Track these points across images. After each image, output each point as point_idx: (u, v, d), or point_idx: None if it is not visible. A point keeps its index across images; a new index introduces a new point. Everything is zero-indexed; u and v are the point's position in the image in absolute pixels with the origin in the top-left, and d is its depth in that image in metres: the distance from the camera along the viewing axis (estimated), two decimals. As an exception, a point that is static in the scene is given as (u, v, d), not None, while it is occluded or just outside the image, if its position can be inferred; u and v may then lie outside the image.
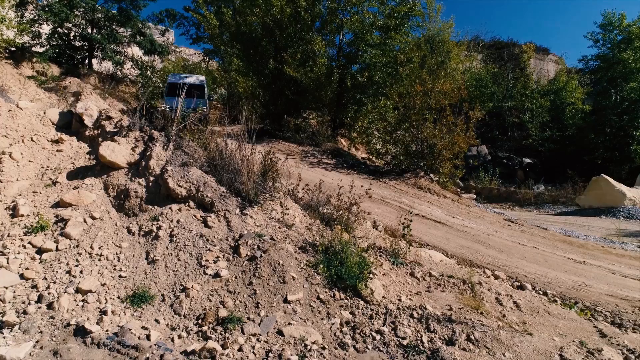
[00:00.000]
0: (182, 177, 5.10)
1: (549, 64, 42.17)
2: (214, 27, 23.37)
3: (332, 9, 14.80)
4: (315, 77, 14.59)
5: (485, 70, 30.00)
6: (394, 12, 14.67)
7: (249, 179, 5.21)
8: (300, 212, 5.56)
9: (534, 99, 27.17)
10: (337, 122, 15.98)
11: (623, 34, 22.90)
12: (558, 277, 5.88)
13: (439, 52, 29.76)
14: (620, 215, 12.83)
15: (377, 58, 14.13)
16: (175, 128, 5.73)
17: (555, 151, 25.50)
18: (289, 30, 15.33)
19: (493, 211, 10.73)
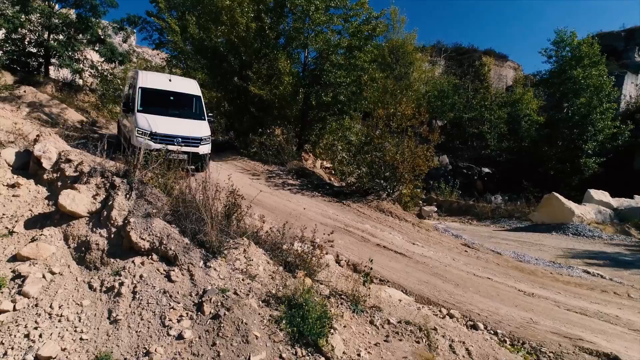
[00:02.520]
0: (144, 230, 5.11)
1: (508, 70, 43.84)
2: (177, 34, 23.02)
3: (297, 28, 14.94)
4: (280, 96, 14.70)
5: (447, 82, 30.89)
6: (358, 32, 14.94)
7: (212, 229, 5.28)
8: (264, 258, 5.67)
9: (493, 111, 28.23)
10: (302, 138, 16.12)
11: (574, 52, 24.15)
12: (508, 314, 6.24)
13: (402, 62, 30.46)
14: (569, 231, 13.60)
15: (341, 78, 14.36)
16: (139, 174, 5.71)
17: (512, 162, 26.63)
18: (254, 47, 15.34)
19: (452, 234, 11.15)
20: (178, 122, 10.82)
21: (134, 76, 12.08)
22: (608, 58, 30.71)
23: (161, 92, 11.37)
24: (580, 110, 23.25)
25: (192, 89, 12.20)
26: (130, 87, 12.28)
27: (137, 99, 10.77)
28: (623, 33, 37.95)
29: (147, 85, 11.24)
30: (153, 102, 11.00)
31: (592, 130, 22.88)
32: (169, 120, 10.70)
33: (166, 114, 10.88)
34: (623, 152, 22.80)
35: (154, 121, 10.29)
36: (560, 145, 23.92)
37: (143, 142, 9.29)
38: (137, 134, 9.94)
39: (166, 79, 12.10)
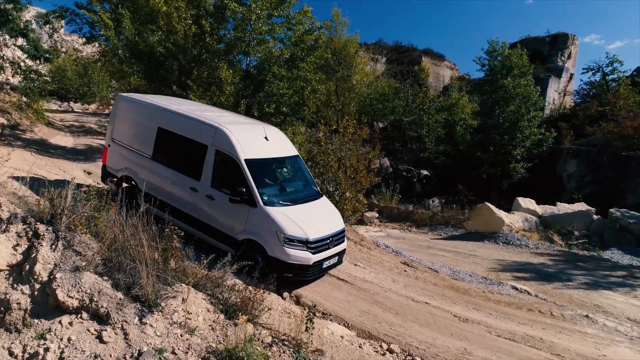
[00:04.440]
0: (73, 286, 4.78)
1: (445, 70, 45.67)
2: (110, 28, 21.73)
3: (238, 37, 14.60)
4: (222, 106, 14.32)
5: (387, 85, 31.61)
6: (300, 41, 14.85)
7: (148, 281, 5.04)
8: (204, 305, 5.51)
9: (431, 115, 29.28)
10: (244, 148, 15.84)
11: (504, 62, 25.55)
12: (445, 345, 6.51)
13: (345, 64, 30.79)
14: (500, 240, 14.43)
15: (283, 90, 14.25)
16: (66, 221, 5.33)
17: (448, 165, 27.84)
18: (193, 54, 14.82)
19: (392, 250, 11.48)
20: (312, 210, 8.17)
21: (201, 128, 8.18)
22: (534, 62, 32.90)
23: (268, 162, 8.49)
24: (510, 118, 24.72)
25: (289, 144, 9.28)
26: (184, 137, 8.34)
27: (249, 181, 7.49)
28: (548, 38, 40.53)
29: (252, 154, 7.85)
30: (264, 182, 7.98)
31: (520, 136, 24.42)
32: (304, 210, 7.95)
33: (292, 199, 8.18)
34: (547, 157, 24.51)
35: (298, 219, 7.50)
36: (492, 150, 25.31)
37: (300, 257, 7.26)
38: (287, 244, 7.20)
39: (258, 133, 8.54)
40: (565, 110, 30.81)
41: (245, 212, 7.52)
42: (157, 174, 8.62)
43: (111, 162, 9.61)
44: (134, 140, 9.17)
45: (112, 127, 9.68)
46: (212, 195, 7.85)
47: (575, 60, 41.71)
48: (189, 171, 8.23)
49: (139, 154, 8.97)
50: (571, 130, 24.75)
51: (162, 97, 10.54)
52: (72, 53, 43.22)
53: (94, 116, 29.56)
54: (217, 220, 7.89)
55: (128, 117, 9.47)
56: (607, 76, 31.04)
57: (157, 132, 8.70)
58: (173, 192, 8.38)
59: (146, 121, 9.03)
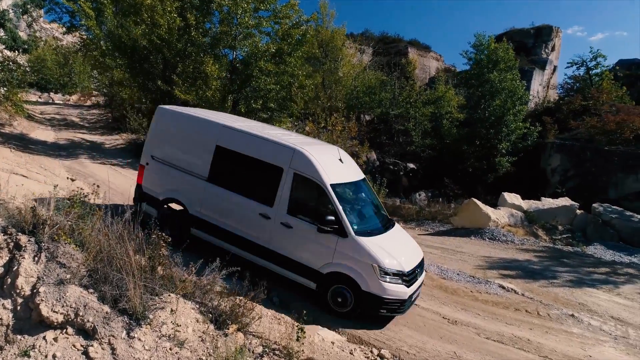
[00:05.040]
0: (57, 300, 4.64)
1: (430, 61, 45.77)
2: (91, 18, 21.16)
3: (224, 31, 14.32)
4: (208, 101, 14.09)
5: (374, 78, 31.50)
6: (288, 36, 14.63)
7: (135, 293, 4.92)
8: (193, 315, 5.42)
9: (417, 108, 29.28)
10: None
11: (491, 56, 25.62)
12: (435, 349, 6.55)
13: (332, 57, 30.59)
14: (486, 236, 14.57)
15: (270, 85, 14.06)
16: (49, 231, 5.16)
17: (434, 158, 27.95)
18: (178, 48, 14.50)
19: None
20: (396, 238, 7.71)
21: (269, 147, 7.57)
22: (519, 54, 33.11)
23: (348, 187, 7.87)
24: (496, 112, 24.86)
25: (357, 165, 8.83)
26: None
27: (337, 209, 6.90)
28: (532, 30, 40.82)
29: (335, 178, 7.32)
30: (348, 209, 7.36)
31: (505, 130, 24.58)
32: (390, 239, 7.47)
33: (376, 227, 7.61)
34: (532, 151, 24.76)
35: (390, 249, 7.04)
36: (478, 144, 25.47)
37: (397, 291, 6.74)
38: (384, 278, 6.67)
39: (333, 155, 8.03)
40: (550, 104, 31.07)
41: (333, 242, 6.88)
42: (214, 197, 7.84)
43: (150, 183, 8.62)
44: (183, 159, 8.26)
45: (151, 142, 8.69)
46: (289, 223, 7.18)
47: (558, 53, 42.16)
48: (258, 196, 7.49)
49: (191, 174, 8.09)
50: (555, 125, 24.99)
51: (209, 112, 9.56)
52: (52, 42, 42.17)
53: (75, 108, 28.90)
54: (294, 251, 7.23)
55: (174, 133, 8.50)
56: (590, 70, 31.40)
57: (215, 151, 7.86)
58: (235, 218, 7.69)
59: (200, 138, 8.15)
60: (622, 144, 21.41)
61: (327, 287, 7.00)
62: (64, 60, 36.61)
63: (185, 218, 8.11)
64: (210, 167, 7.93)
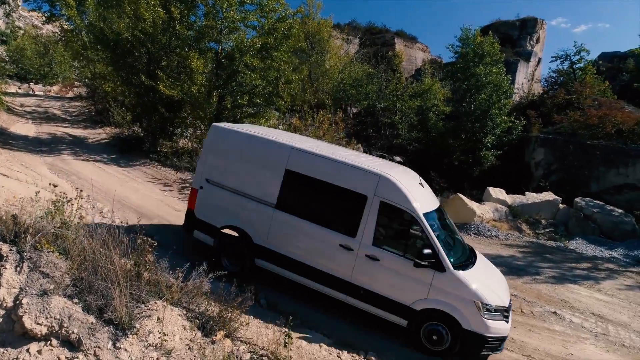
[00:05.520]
0: (41, 312, 4.57)
1: (417, 52, 45.85)
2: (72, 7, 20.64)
3: (209, 25, 14.09)
4: (193, 97, 13.90)
5: (361, 70, 31.42)
6: (274, 30, 14.43)
7: (121, 302, 4.87)
8: (180, 322, 5.39)
9: (404, 101, 29.33)
10: (217, 140, 15.46)
11: (476, 50, 25.70)
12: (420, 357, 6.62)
13: (318, 49, 30.42)
14: (471, 231, 14.75)
15: (257, 81, 13.91)
16: (31, 240, 5.06)
17: (420, 151, 28.08)
18: (162, 41, 14.23)
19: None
20: (487, 270, 7.36)
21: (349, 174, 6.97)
22: (504, 45, 33.34)
23: (434, 215, 7.26)
24: (481, 105, 25.00)
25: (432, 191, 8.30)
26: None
27: (433, 240, 6.45)
28: (517, 22, 41.10)
29: (425, 207, 6.90)
30: (441, 240, 6.81)
31: (491, 124, 24.76)
32: (483, 271, 7.10)
33: (466, 258, 7.14)
34: (516, 145, 25.03)
35: (487, 282, 6.73)
36: (464, 137, 25.64)
37: (499, 328, 6.34)
38: (487, 315, 6.24)
39: (414, 179, 7.61)
40: (534, 98, 31.38)
41: (429, 277, 6.41)
42: (284, 226, 7.25)
43: (205, 209, 7.95)
44: (246, 183, 7.60)
45: (206, 164, 7.99)
46: (375, 256, 6.67)
47: (543, 45, 42.56)
48: (338, 225, 6.95)
49: (255, 200, 7.48)
50: (540, 119, 25.25)
51: (270, 131, 8.81)
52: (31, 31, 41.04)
53: (56, 100, 28.24)
54: (381, 286, 6.70)
55: (233, 154, 7.82)
56: (574, 65, 31.76)
57: (285, 175, 7.26)
58: (310, 249, 7.12)
59: (266, 161, 7.51)
60: (604, 138, 21.77)
61: (420, 324, 6.55)
62: (44, 49, 35.68)
63: (250, 248, 7.54)
64: (280, 193, 7.29)
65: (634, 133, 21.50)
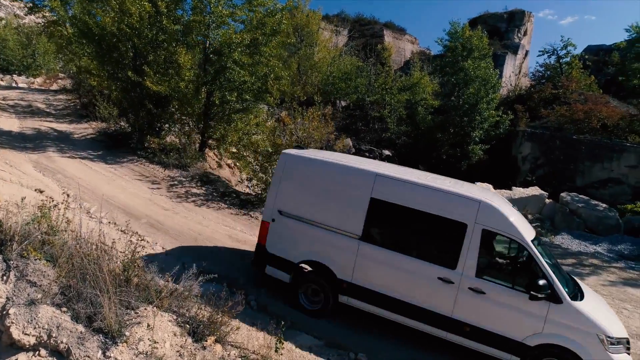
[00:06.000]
0: (29, 322, 4.52)
1: (406, 44, 45.89)
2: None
3: (197, 21, 13.89)
4: (181, 93, 13.74)
5: (350, 63, 31.35)
6: (262, 25, 14.26)
7: (110, 310, 4.84)
8: (170, 328, 5.37)
9: (393, 95, 29.39)
10: (205, 135, 15.36)
11: (465, 44, 25.80)
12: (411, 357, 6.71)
13: (307, 42, 30.24)
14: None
15: (245, 77, 13.79)
16: (17, 247, 4.99)
17: (409, 145, 28.22)
18: (149, 36, 14.00)
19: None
20: (595, 298, 6.91)
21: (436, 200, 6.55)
22: (492, 38, 33.53)
23: (536, 242, 6.70)
24: (470, 100, 25.16)
25: None
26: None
27: (546, 271, 6.04)
28: (505, 15, 41.32)
29: (530, 234, 6.49)
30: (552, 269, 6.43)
31: (479, 118, 24.95)
32: (595, 300, 6.69)
33: (574, 286, 6.71)
34: (503, 139, 25.28)
35: (605, 313, 6.38)
36: (452, 132, 25.80)
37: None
38: (612, 349, 5.82)
39: (507, 203, 7.36)
40: (521, 91, 31.65)
41: (544, 310, 5.96)
42: (371, 259, 6.77)
43: (278, 243, 7.42)
44: (325, 215, 7.11)
45: (278, 195, 7.46)
46: (480, 289, 6.20)
47: (530, 37, 42.86)
48: (434, 257, 6.50)
49: (337, 232, 6.98)
50: (527, 113, 25.52)
51: (347, 157, 8.27)
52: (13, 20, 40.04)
53: (41, 93, 27.65)
54: (488, 320, 6.21)
55: (308, 184, 7.36)
56: (561, 59, 32.06)
57: (370, 204, 6.79)
58: (402, 283, 6.64)
59: (346, 190, 7.05)
60: (590, 133, 22.09)
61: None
62: (27, 40, 34.90)
63: (333, 284, 7.04)
64: (365, 223, 6.80)
65: (619, 128, 21.85)
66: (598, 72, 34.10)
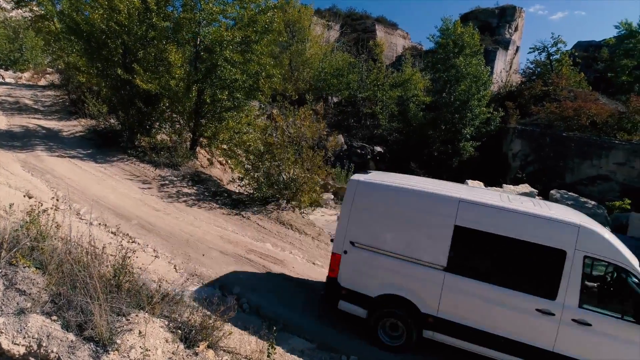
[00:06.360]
0: (18, 332, 4.48)
1: (397, 39, 45.89)
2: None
3: (187, 18, 13.74)
4: (171, 91, 13.61)
5: (342, 59, 31.27)
6: (253, 22, 14.14)
7: (101, 318, 4.81)
8: (162, 335, 5.35)
9: (385, 91, 29.38)
10: (196, 134, 15.26)
11: (457, 41, 25.85)
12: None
13: (299, 38, 30.11)
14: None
15: (237, 75, 13.70)
16: (6, 255, 4.93)
17: (401, 142, 28.29)
18: (139, 33, 13.83)
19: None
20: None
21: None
22: (483, 33, 33.63)
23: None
24: (461, 96, 25.25)
25: None
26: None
27: None
28: (496, 10, 41.45)
29: (634, 258, 6.13)
30: None
31: (470, 115, 25.06)
32: None
33: None
34: (494, 136, 25.44)
35: None
36: (444, 128, 25.90)
37: None
38: None
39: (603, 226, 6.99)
40: (512, 88, 31.81)
41: None
42: (458, 291, 6.35)
43: (353, 276, 6.98)
44: (404, 245, 6.69)
45: (349, 225, 6.98)
46: (585, 320, 5.79)
47: (521, 33, 43.06)
48: (530, 287, 6.10)
49: (418, 263, 6.56)
50: (517, 110, 25.66)
51: (422, 180, 7.77)
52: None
53: (28, 89, 27.25)
54: (596, 354, 5.82)
55: (383, 212, 6.89)
56: (551, 56, 32.26)
57: (454, 232, 6.38)
58: (497, 315, 6.20)
59: (427, 218, 6.63)
60: (579, 130, 22.30)
61: None
62: (14, 34, 34.32)
63: (416, 318, 6.62)
64: (450, 253, 6.40)
65: (607, 125, 22.08)
66: (588, 68, 34.37)
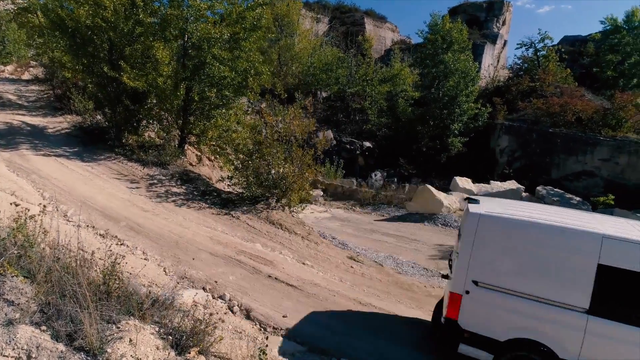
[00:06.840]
0: (7, 344, 4.44)
1: (386, 32, 45.88)
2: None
3: (174, 14, 13.57)
4: (159, 89, 13.47)
5: (331, 54, 31.20)
6: (242, 18, 14.02)
7: (91, 327, 4.79)
8: (153, 342, 5.35)
9: (374, 86, 29.41)
10: (185, 131, 15.14)
11: (445, 37, 25.94)
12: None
13: (287, 32, 29.94)
14: (439, 222, 15.18)
15: (226, 73, 13.60)
16: (-7, 265, 4.87)
17: (389, 137, 28.39)
18: (125, 30, 13.63)
19: (338, 242, 11.71)
20: None
21: None
22: (471, 27, 33.78)
23: None
24: (449, 92, 25.40)
25: None
26: None
27: None
28: (485, 4, 41.62)
29: None
30: None
31: (458, 111, 25.24)
32: None
33: None
34: (482, 132, 25.68)
35: None
36: (432, 124, 26.04)
37: None
38: None
39: None
40: (500, 83, 32.06)
41: None
42: (605, 336, 5.73)
43: (476, 318, 6.37)
44: (535, 284, 6.05)
45: (470, 262, 6.33)
46: None
47: (509, 27, 43.35)
48: None
49: (554, 305, 5.93)
50: (505, 105, 25.90)
51: (556, 211, 7.03)
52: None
53: (12, 83, 26.66)
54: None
55: (510, 248, 6.27)
56: (538, 52, 32.53)
57: (598, 271, 5.73)
58: None
59: (564, 255, 5.97)
60: (565, 126, 22.60)
61: None
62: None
63: None
64: (593, 294, 5.77)
65: (593, 121, 22.39)
66: (574, 63, 34.72)
